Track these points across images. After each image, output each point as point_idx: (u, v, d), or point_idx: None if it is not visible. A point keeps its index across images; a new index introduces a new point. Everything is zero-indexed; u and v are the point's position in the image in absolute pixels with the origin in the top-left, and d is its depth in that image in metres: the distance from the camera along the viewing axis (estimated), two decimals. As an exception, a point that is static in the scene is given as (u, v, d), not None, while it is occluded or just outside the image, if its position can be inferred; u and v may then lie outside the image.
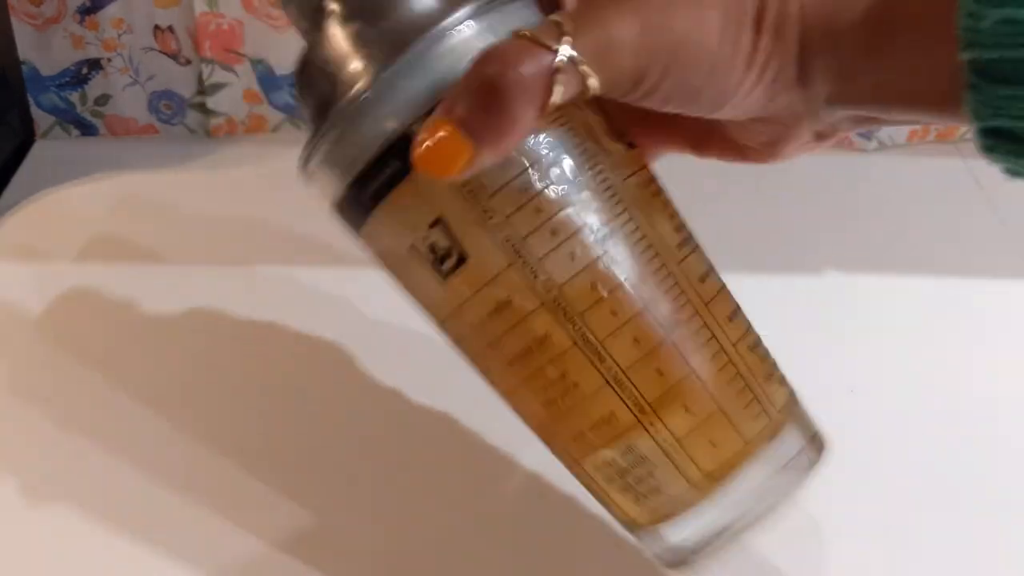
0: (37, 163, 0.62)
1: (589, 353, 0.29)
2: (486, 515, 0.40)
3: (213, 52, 0.62)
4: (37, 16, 0.61)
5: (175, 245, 0.55)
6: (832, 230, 0.57)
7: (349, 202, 0.30)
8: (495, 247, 0.28)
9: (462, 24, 0.28)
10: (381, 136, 0.28)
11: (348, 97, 0.29)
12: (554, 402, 0.30)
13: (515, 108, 0.26)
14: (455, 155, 0.26)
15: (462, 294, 0.29)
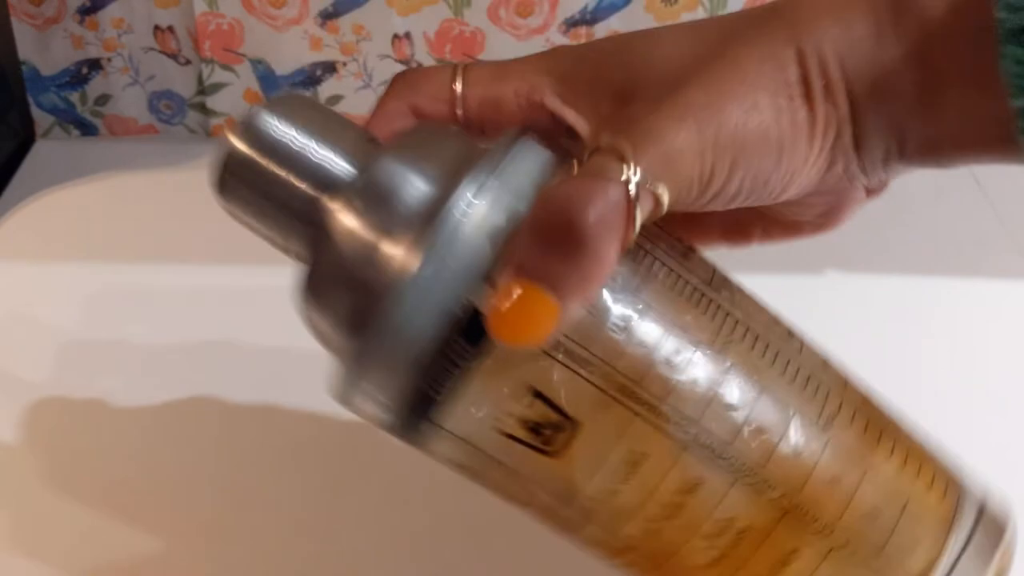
0: (37, 163, 0.62)
1: (751, 484, 0.25)
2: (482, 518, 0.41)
3: (213, 52, 0.62)
4: (37, 16, 0.61)
5: (175, 245, 0.55)
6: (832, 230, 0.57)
7: (416, 406, 0.26)
8: (610, 401, 0.24)
9: (474, 195, 0.25)
10: (439, 327, 0.24)
11: (386, 299, 0.24)
12: (726, 556, 0.26)
13: (599, 248, 0.23)
14: (540, 314, 0.23)
15: (584, 464, 0.25)
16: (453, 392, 0.25)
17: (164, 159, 0.62)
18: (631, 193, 0.23)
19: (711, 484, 0.25)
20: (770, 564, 0.25)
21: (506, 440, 0.25)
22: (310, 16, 0.62)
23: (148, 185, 0.60)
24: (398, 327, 0.24)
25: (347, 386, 0.27)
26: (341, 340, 0.27)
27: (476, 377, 0.25)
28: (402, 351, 0.25)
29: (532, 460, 0.25)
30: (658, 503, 0.25)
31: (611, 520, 0.26)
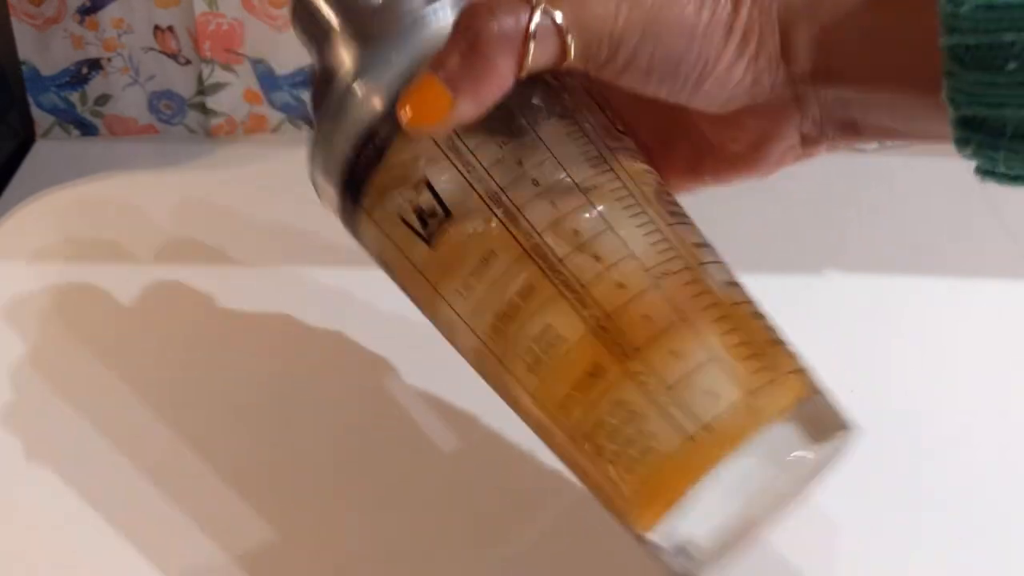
0: (37, 163, 0.62)
1: (572, 299, 0.28)
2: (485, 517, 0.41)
3: (213, 52, 0.62)
4: (37, 16, 0.61)
5: (175, 245, 0.55)
6: (832, 230, 0.57)
7: (348, 186, 0.31)
8: (476, 200, 0.29)
9: (438, 5, 0.29)
10: (367, 118, 0.29)
11: (333, 92, 0.30)
12: (540, 361, 0.28)
13: (492, 58, 0.27)
14: (436, 104, 0.27)
15: (448, 254, 0.29)
16: (372, 175, 0.30)
17: (164, 159, 0.62)
18: (533, 20, 0.27)
19: (541, 292, 0.28)
20: (576, 375, 0.28)
21: (403, 227, 0.30)
22: (310, 16, 0.62)
23: (148, 185, 0.60)
24: (337, 109, 0.30)
25: (309, 164, 0.32)
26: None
27: (388, 162, 0.29)
28: (340, 132, 0.30)
29: (418, 249, 0.30)
30: (501, 301, 0.29)
31: (470, 316, 0.30)
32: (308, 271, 0.53)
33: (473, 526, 0.40)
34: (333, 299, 0.51)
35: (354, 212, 0.31)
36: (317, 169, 0.31)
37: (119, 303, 0.51)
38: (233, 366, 0.47)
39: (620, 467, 0.28)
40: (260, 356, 0.48)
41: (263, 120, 0.65)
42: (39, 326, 0.49)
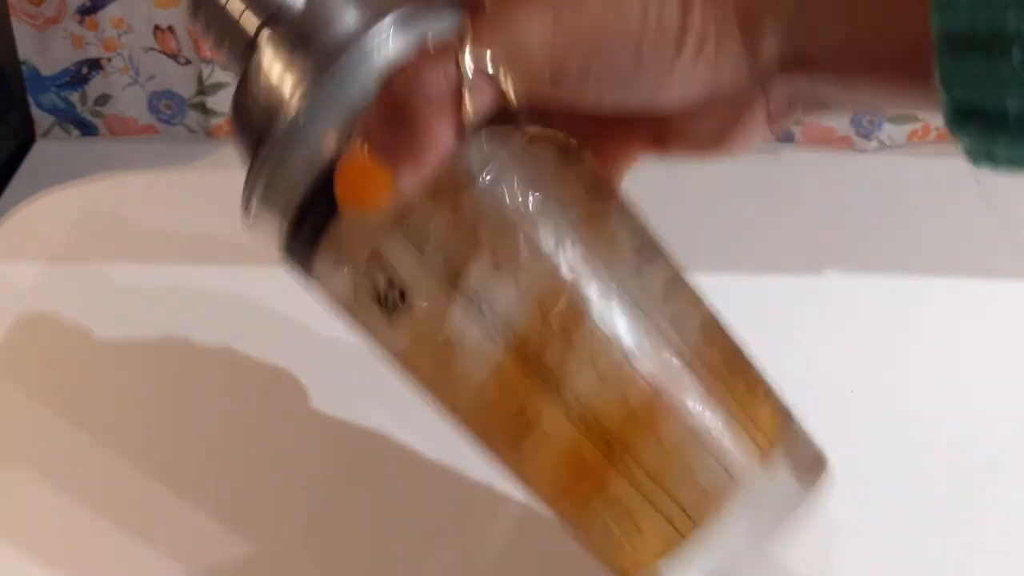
0: (37, 163, 0.62)
1: (546, 384, 0.26)
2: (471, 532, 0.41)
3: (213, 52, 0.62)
4: (37, 16, 0.61)
5: (175, 245, 0.55)
6: (832, 230, 0.57)
7: (293, 246, 0.29)
8: (434, 280, 0.26)
9: (382, 38, 0.26)
10: (309, 169, 0.26)
11: (274, 130, 0.27)
12: (518, 443, 0.27)
13: (428, 127, 0.25)
14: (375, 184, 0.25)
15: (410, 332, 0.27)
16: (323, 233, 0.27)
17: (164, 159, 0.62)
18: (462, 71, 0.24)
19: (515, 385, 0.27)
20: (509, 415, 0.27)
21: (358, 292, 0.28)
22: (310, 16, 0.62)
23: (148, 185, 0.60)
24: (275, 168, 0.27)
25: (247, 188, 0.28)
26: (246, 161, 0.28)
27: (335, 228, 0.27)
28: (279, 192, 0.27)
29: (376, 319, 0.28)
30: (470, 388, 0.27)
31: (438, 392, 0.29)
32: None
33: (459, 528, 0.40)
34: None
35: (304, 257, 0.29)
36: (256, 198, 0.28)
37: (119, 303, 0.51)
38: (233, 366, 0.47)
39: (609, 544, 0.28)
40: (260, 356, 0.48)
41: (263, 120, 0.65)
42: (39, 326, 0.49)
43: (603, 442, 0.26)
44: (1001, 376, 0.47)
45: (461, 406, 0.29)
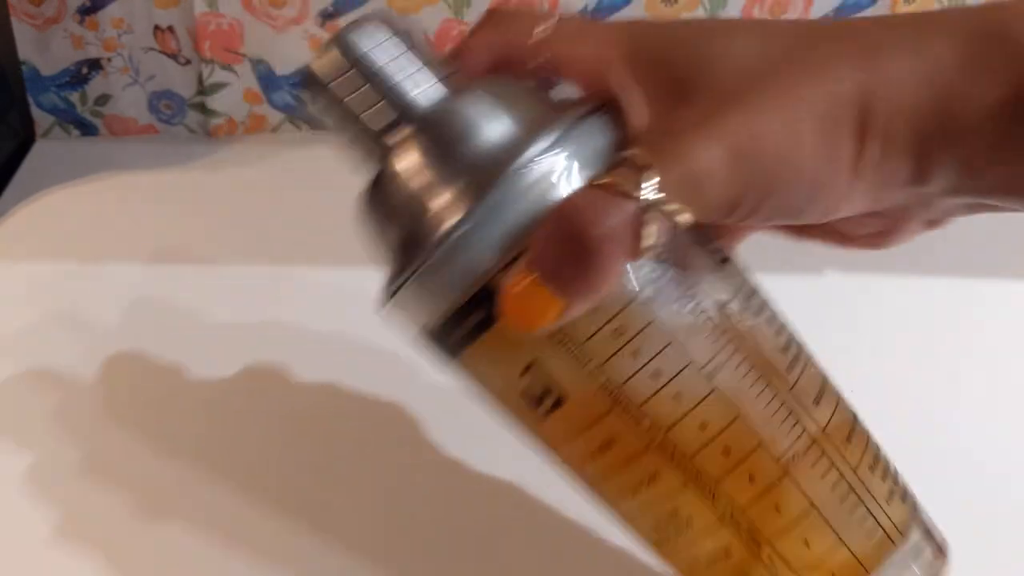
0: (37, 163, 0.62)
1: (702, 492, 0.28)
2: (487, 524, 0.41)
3: (213, 52, 0.62)
4: (37, 16, 0.61)
5: (175, 245, 0.55)
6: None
7: (438, 340, 0.29)
8: (593, 393, 0.27)
9: (546, 155, 0.26)
10: (469, 280, 0.26)
11: (427, 240, 0.26)
12: (667, 536, 0.29)
13: (605, 261, 0.24)
14: (544, 309, 0.25)
15: (563, 432, 0.28)
16: (470, 342, 0.27)
17: (164, 159, 0.62)
18: (642, 213, 0.24)
19: (667, 482, 0.28)
20: (704, 553, 0.29)
21: (508, 392, 0.28)
22: (310, 16, 0.62)
23: (148, 185, 0.60)
24: (428, 275, 0.27)
25: (391, 291, 0.29)
26: (384, 255, 0.29)
27: (490, 338, 0.27)
28: (429, 299, 0.27)
29: (526, 414, 0.28)
30: (621, 484, 0.28)
31: (586, 479, 0.30)
32: (309, 271, 0.53)
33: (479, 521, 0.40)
34: (334, 299, 0.51)
35: (449, 352, 0.29)
36: (402, 298, 0.29)
37: (119, 303, 0.51)
38: (232, 365, 0.47)
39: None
40: (260, 355, 0.48)
41: (263, 120, 0.65)
42: (39, 326, 0.49)
43: (753, 542, 0.28)
44: (1001, 376, 0.47)
45: (608, 493, 0.30)
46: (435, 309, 0.28)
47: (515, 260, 0.25)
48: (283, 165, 0.62)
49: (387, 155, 0.28)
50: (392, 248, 0.29)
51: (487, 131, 0.26)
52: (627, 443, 0.27)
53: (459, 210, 0.26)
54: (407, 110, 0.28)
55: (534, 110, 0.27)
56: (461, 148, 0.26)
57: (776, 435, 0.28)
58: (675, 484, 0.28)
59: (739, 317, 0.28)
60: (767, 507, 0.28)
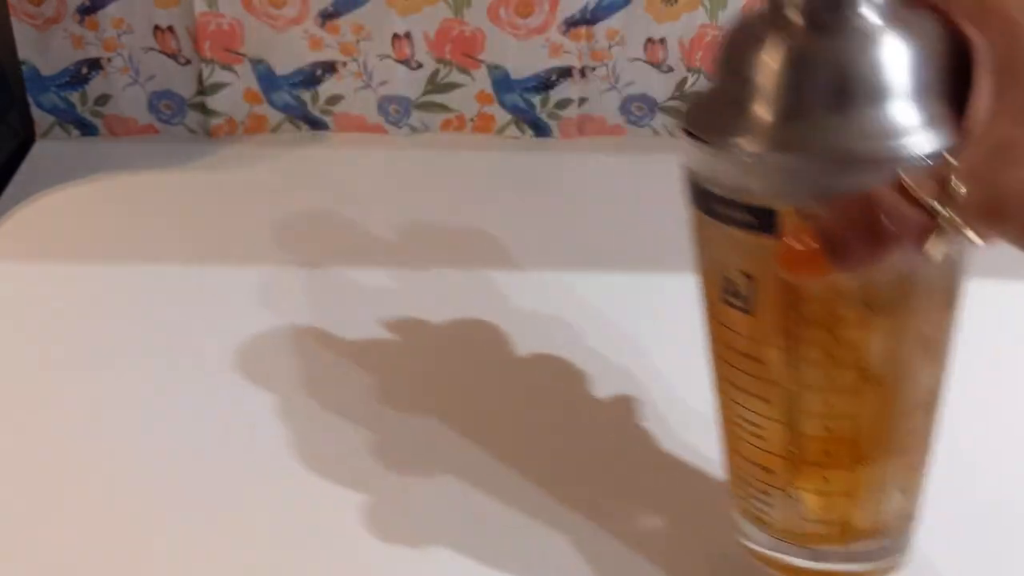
0: (37, 163, 0.62)
1: (787, 427, 0.31)
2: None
3: (213, 52, 0.62)
4: (37, 16, 0.61)
5: (175, 245, 0.55)
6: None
7: (703, 194, 0.30)
8: (774, 330, 0.30)
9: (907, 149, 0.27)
10: (768, 194, 0.28)
11: (775, 138, 0.28)
12: (736, 430, 0.33)
13: (882, 252, 0.26)
14: (812, 267, 0.27)
15: (730, 325, 0.31)
16: (727, 221, 0.30)
17: (164, 159, 0.62)
18: (938, 227, 0.26)
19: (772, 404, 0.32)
20: (753, 464, 0.33)
21: (718, 269, 0.31)
22: (310, 16, 0.62)
23: (148, 185, 0.60)
24: (743, 157, 0.29)
25: (690, 125, 0.30)
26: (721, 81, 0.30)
27: (743, 230, 0.29)
28: (724, 169, 0.29)
29: (716, 291, 0.31)
30: (740, 380, 0.32)
31: (712, 352, 0.33)
32: (308, 271, 0.53)
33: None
34: (333, 298, 0.51)
35: (704, 209, 0.31)
36: (697, 146, 0.30)
37: (119, 303, 0.51)
38: (232, 365, 0.47)
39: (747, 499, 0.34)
40: (259, 355, 0.48)
41: (263, 120, 0.65)
42: (39, 326, 0.49)
43: (791, 465, 0.32)
44: (1001, 376, 0.47)
45: (719, 377, 0.33)
46: (724, 181, 0.29)
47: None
48: (283, 165, 0.62)
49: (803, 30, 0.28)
50: (728, 87, 0.30)
51: (874, 103, 0.27)
52: (767, 371, 0.31)
53: (811, 136, 0.28)
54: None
55: (922, 83, 0.28)
56: (851, 97, 0.27)
57: (877, 421, 0.32)
58: (771, 414, 0.31)
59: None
60: (818, 450, 0.31)
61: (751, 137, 0.28)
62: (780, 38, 0.28)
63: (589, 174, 0.63)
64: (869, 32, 0.28)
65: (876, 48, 0.27)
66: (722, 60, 0.30)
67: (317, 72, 0.64)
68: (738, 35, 0.30)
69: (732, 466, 0.34)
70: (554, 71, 0.64)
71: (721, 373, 0.33)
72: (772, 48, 0.28)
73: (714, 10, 0.62)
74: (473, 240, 0.55)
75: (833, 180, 0.27)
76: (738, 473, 0.34)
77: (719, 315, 0.32)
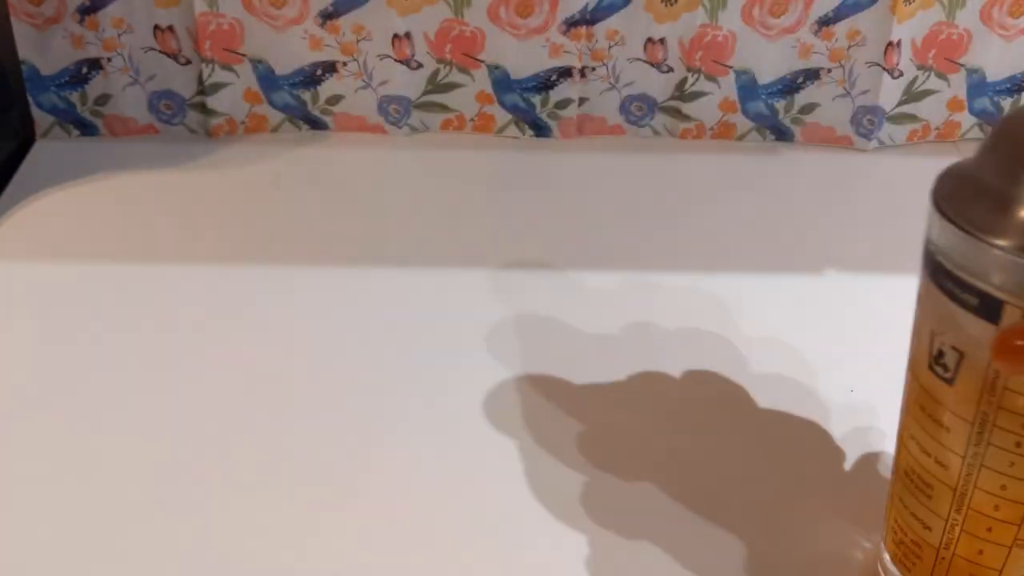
0: (37, 163, 0.62)
1: (957, 497, 0.33)
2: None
3: (213, 52, 0.62)
4: (37, 16, 0.61)
5: (175, 245, 0.55)
6: (832, 230, 0.57)
7: (937, 269, 0.32)
8: (969, 406, 0.32)
9: None
10: (1004, 285, 0.30)
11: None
12: (913, 479, 0.34)
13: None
14: (1020, 361, 0.29)
15: (930, 390, 0.33)
16: (951, 296, 0.32)
17: (164, 159, 0.62)
18: None
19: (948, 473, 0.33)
20: None
21: (930, 330, 0.34)
22: (310, 16, 0.62)
23: (148, 185, 0.60)
24: (989, 252, 0.30)
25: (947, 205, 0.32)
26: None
27: (969, 306, 0.31)
28: (968, 257, 0.31)
29: (923, 351, 0.34)
30: (926, 439, 0.34)
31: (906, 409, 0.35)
32: (308, 271, 0.53)
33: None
34: (333, 298, 0.51)
35: (929, 277, 0.34)
36: (949, 231, 0.32)
37: (119, 303, 0.51)
38: (232, 365, 0.47)
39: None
40: (259, 355, 0.48)
41: (263, 120, 0.65)
42: (39, 326, 0.49)
43: (950, 532, 0.33)
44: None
45: (908, 430, 0.35)
46: (963, 263, 0.31)
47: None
48: (283, 165, 0.62)
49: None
50: (995, 178, 0.31)
51: None
52: (951, 441, 0.33)
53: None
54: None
55: None
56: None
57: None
58: (951, 481, 0.33)
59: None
60: (981, 528, 0.33)
61: (1007, 236, 0.30)
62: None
63: (589, 174, 0.63)
64: None
65: None
66: (995, 146, 0.31)
67: (317, 72, 0.64)
68: (1020, 126, 0.31)
69: (893, 511, 0.36)
70: (554, 71, 0.64)
71: (907, 427, 0.35)
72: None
73: (714, 10, 0.62)
74: (473, 240, 0.55)
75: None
76: (897, 520, 0.36)
77: (922, 377, 0.34)
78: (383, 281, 0.52)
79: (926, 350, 0.34)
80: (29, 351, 0.48)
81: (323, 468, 0.42)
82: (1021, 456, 0.31)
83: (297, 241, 0.55)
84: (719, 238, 0.56)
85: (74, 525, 0.40)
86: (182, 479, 0.42)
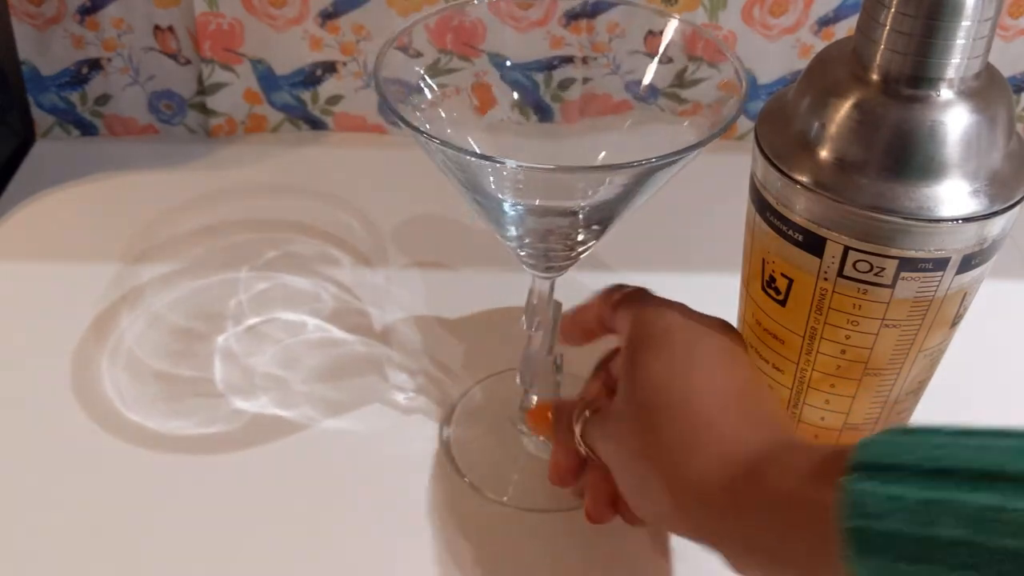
0: (37, 163, 0.62)
1: (793, 394, 0.38)
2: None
3: (213, 52, 0.62)
4: (37, 16, 0.61)
5: (175, 245, 0.55)
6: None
7: (764, 205, 0.35)
8: (800, 322, 0.35)
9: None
10: (818, 220, 0.33)
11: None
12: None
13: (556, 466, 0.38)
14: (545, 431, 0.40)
15: (764, 308, 0.37)
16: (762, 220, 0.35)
17: (164, 159, 0.62)
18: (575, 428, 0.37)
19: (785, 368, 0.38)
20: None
21: (765, 257, 0.36)
22: (310, 16, 0.62)
23: (148, 185, 0.60)
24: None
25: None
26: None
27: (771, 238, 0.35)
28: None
29: (756, 277, 0.37)
30: (763, 332, 0.38)
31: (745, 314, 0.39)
32: (308, 271, 0.53)
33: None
34: (332, 298, 0.51)
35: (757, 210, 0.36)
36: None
37: (119, 303, 0.51)
38: (232, 365, 0.47)
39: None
40: (259, 355, 0.48)
41: (263, 120, 0.65)
42: (39, 326, 0.49)
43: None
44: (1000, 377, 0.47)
45: (746, 328, 0.39)
46: (783, 200, 0.34)
47: None
48: (283, 165, 0.62)
49: None
50: (805, 120, 0.33)
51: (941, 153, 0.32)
52: (787, 351, 0.37)
53: (861, 190, 0.32)
54: None
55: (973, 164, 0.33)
56: None
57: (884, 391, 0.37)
58: (786, 367, 0.37)
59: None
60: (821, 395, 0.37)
61: (813, 175, 0.32)
62: (859, 98, 0.32)
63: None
64: (938, 107, 0.31)
65: (941, 125, 0.31)
66: (808, 80, 0.34)
67: (317, 72, 0.64)
68: (825, 74, 0.33)
69: None
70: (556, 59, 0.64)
71: (745, 336, 0.38)
72: (852, 106, 0.32)
73: (714, 10, 0.62)
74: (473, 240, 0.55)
75: (873, 229, 0.32)
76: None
77: (756, 297, 0.37)
78: (385, 281, 0.52)
79: (758, 273, 0.36)
80: (29, 351, 0.48)
81: (331, 470, 0.42)
82: (844, 360, 0.35)
83: (296, 241, 0.55)
84: (719, 238, 0.56)
85: (75, 522, 0.40)
86: (182, 477, 0.42)
